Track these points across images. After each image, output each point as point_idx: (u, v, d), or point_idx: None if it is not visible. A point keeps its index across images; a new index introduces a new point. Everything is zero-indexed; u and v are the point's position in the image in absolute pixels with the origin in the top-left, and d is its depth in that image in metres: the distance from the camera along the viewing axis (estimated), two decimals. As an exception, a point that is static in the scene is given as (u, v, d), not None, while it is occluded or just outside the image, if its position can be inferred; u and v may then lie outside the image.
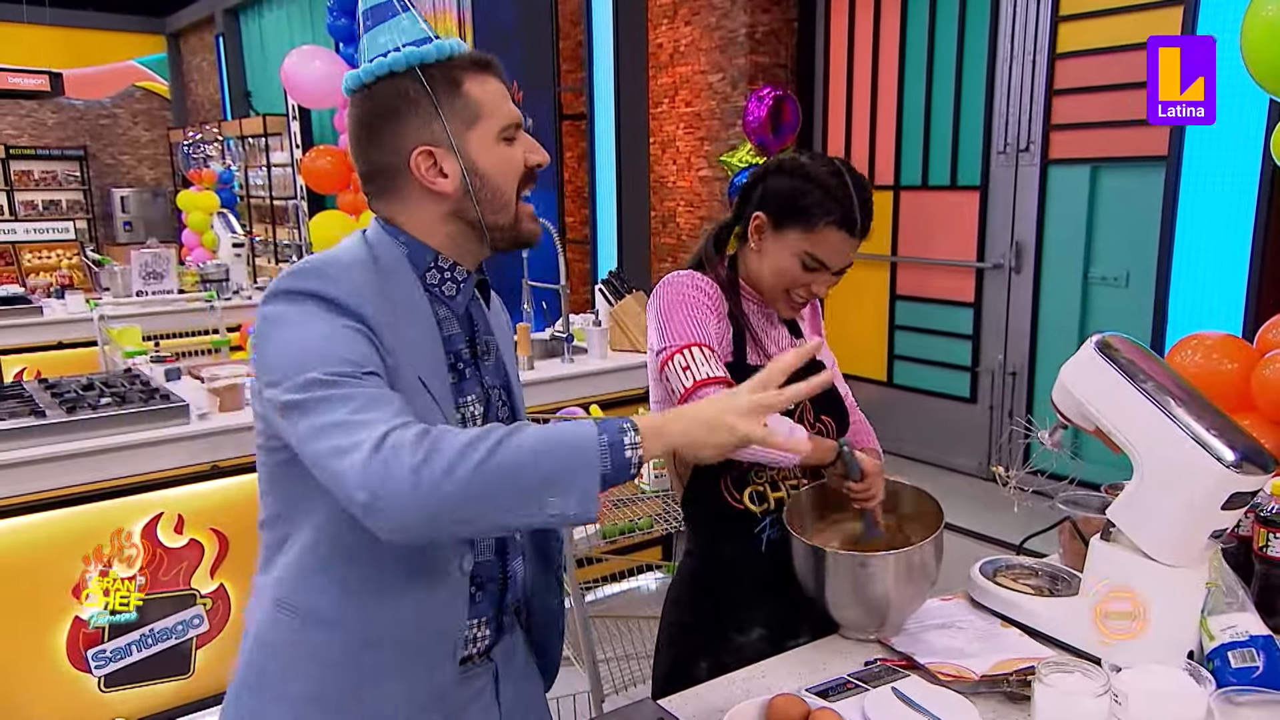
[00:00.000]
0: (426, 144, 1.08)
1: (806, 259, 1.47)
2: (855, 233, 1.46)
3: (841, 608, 1.43)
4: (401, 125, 1.08)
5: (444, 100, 1.08)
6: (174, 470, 2.61)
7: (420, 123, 1.08)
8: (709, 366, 1.42)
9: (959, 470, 4.93)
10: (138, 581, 2.52)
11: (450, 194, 1.10)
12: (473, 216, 1.11)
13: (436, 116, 1.08)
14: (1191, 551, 1.23)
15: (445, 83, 1.08)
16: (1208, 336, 2.58)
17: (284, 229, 9.14)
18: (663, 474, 2.63)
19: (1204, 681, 1.11)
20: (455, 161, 1.09)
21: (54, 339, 4.38)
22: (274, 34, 9.77)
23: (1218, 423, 1.19)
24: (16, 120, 11.87)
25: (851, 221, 1.45)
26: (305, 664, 1.10)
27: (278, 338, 1.00)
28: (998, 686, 1.26)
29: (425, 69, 1.08)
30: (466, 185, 1.09)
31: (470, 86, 1.09)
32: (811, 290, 1.51)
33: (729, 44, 5.79)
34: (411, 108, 1.08)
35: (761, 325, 1.59)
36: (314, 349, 0.97)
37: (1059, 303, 4.57)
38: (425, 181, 1.09)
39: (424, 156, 1.08)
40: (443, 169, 1.09)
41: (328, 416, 0.92)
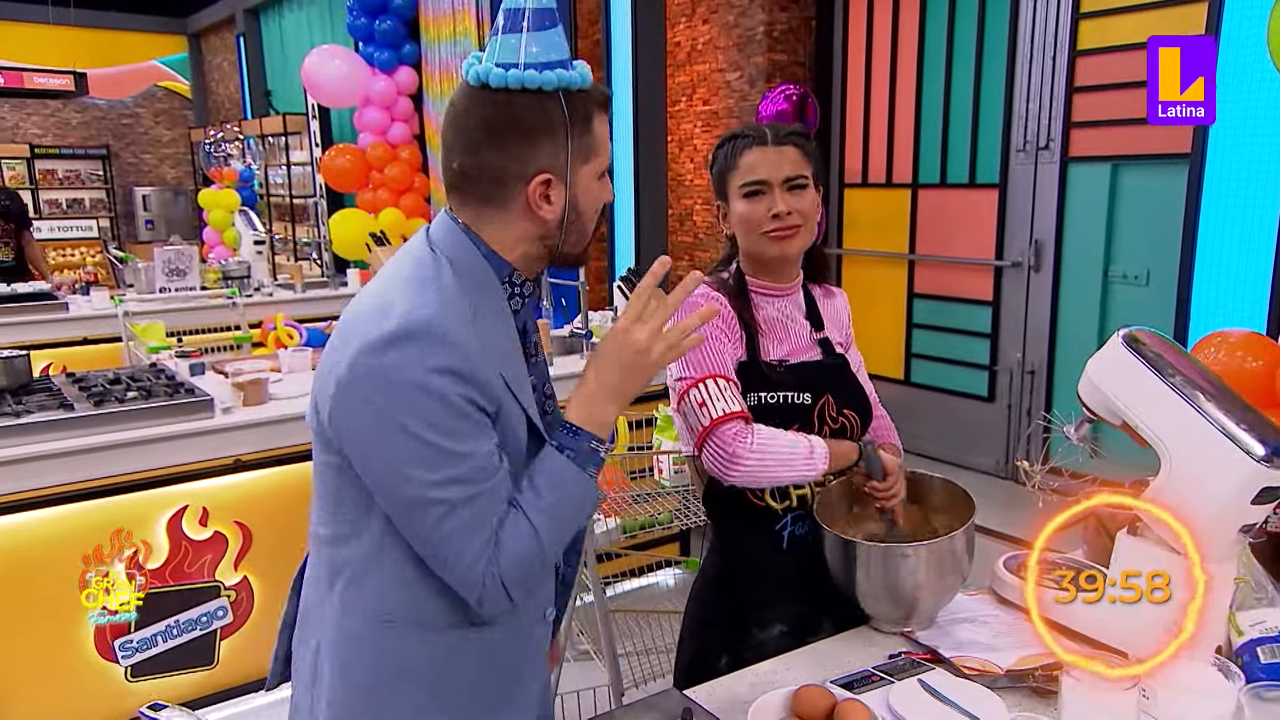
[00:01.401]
0: (549, 170, 1.08)
1: (746, 190, 1.52)
2: (767, 141, 1.52)
3: (873, 599, 1.44)
4: (535, 144, 1.07)
5: (575, 133, 1.08)
6: (198, 464, 2.64)
7: (552, 149, 1.08)
8: (724, 401, 1.44)
9: (977, 469, 4.91)
10: (137, 581, 2.53)
11: (549, 221, 1.11)
12: (553, 243, 1.13)
13: (565, 148, 1.08)
14: (1220, 546, 1.22)
15: (582, 116, 1.09)
16: (1231, 334, 2.56)
17: (303, 227, 9.20)
18: (683, 469, 2.63)
19: (1233, 677, 1.11)
20: (563, 193, 1.10)
21: (79, 335, 4.43)
22: (294, 34, 9.83)
23: (1248, 417, 1.19)
24: (42, 120, 11.99)
25: (760, 137, 1.53)
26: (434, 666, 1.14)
27: (403, 423, 1.00)
28: (1023, 681, 1.26)
29: (568, 96, 1.08)
30: (564, 217, 1.11)
31: (598, 124, 1.11)
32: (772, 214, 1.50)
33: (747, 42, 5.78)
34: (549, 132, 1.07)
35: (775, 321, 1.59)
36: (443, 450, 1.01)
37: (1078, 301, 4.54)
38: (534, 205, 1.09)
39: (542, 184, 1.08)
40: (550, 197, 1.09)
41: (443, 530, 1.02)
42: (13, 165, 11.61)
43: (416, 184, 6.51)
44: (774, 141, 1.52)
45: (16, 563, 2.40)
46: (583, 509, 1.12)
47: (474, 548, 1.03)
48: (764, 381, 1.52)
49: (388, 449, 1.01)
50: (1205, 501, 1.21)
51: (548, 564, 1.15)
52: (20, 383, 2.69)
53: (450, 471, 1.01)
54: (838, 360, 1.62)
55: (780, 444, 1.43)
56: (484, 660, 1.15)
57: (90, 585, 2.36)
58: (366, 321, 1.03)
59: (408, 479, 1.01)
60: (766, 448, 1.42)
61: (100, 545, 2.49)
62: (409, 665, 1.12)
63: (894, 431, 1.73)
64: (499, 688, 1.18)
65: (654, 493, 2.63)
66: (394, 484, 1.03)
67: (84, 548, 2.47)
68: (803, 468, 1.43)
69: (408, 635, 1.11)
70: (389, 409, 1.00)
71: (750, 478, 1.44)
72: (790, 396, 1.52)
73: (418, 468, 1.00)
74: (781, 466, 1.43)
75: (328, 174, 6.37)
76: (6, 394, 2.61)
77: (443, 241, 1.12)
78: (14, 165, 11.61)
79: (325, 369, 1.07)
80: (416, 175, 6.53)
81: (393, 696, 1.12)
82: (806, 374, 1.56)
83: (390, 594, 1.10)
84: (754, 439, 1.42)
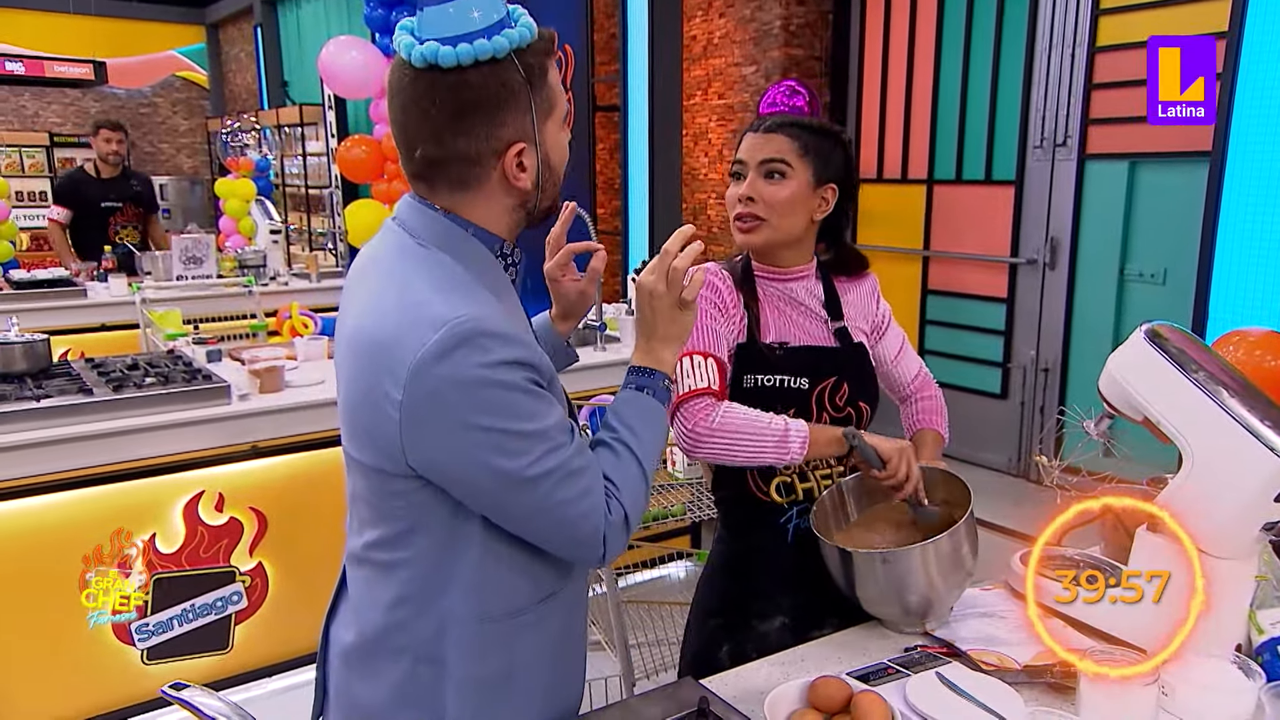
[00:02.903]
0: (521, 140, 1.03)
1: (731, 170, 1.57)
2: (759, 129, 1.54)
3: (877, 605, 1.42)
4: (501, 117, 1.02)
5: (536, 93, 1.03)
6: (215, 450, 2.65)
7: (518, 116, 1.02)
8: (695, 378, 1.47)
9: (990, 466, 4.90)
10: (137, 581, 2.54)
11: (525, 189, 1.07)
12: (532, 205, 1.09)
13: (530, 110, 1.03)
14: (1241, 544, 1.22)
15: (538, 72, 1.03)
16: (1250, 332, 2.54)
17: (318, 217, 9.23)
18: (695, 462, 2.64)
19: (1253, 675, 1.10)
20: (535, 155, 1.05)
21: (97, 321, 4.46)
22: (311, 25, 9.85)
23: (1272, 414, 1.18)
24: (61, 109, 12.07)
25: (757, 124, 1.56)
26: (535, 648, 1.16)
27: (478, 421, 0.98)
28: (1041, 676, 1.26)
29: (521, 56, 1.01)
30: (538, 179, 1.07)
31: (551, 73, 1.05)
32: (738, 196, 1.53)
33: (763, 36, 5.76)
34: (511, 100, 1.01)
35: (779, 305, 1.58)
36: (524, 434, 1.01)
37: (1094, 299, 4.52)
38: (511, 177, 1.05)
39: (516, 154, 1.04)
40: (524, 164, 1.05)
41: (552, 501, 1.04)
42: (32, 153, 11.67)
43: (431, 175, 6.51)
44: (765, 129, 1.54)
45: (37, 544, 2.42)
46: (662, 440, 1.18)
47: (591, 500, 1.06)
48: (762, 364, 1.52)
49: (475, 452, 0.99)
50: (1227, 498, 1.20)
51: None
52: (40, 367, 2.71)
53: (540, 448, 1.01)
54: (853, 349, 1.60)
55: (750, 423, 1.43)
56: (568, 619, 1.21)
57: (90, 585, 2.40)
58: (403, 341, 0.98)
59: (504, 473, 1.00)
60: (732, 425, 1.43)
61: (119, 529, 2.51)
62: (526, 651, 1.14)
63: (942, 413, 1.71)
64: (578, 642, 1.25)
65: (667, 484, 2.64)
66: (492, 483, 1.01)
67: (104, 530, 2.49)
68: (774, 449, 1.42)
69: (513, 627, 1.12)
70: (464, 415, 0.97)
71: (715, 455, 1.45)
72: (787, 380, 1.52)
73: (510, 459, 1.00)
74: (750, 445, 1.43)
75: (343, 164, 6.38)
76: (27, 378, 2.63)
77: (426, 232, 1.07)
78: (33, 153, 11.68)
79: (363, 397, 1.02)
80: (431, 166, 6.53)
81: (525, 683, 1.15)
82: (807, 358, 1.55)
83: (481, 595, 1.09)
84: (719, 416, 1.43)
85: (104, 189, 5.28)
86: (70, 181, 5.39)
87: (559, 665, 1.21)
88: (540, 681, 1.17)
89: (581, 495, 1.05)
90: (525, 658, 1.14)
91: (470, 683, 1.10)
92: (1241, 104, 3.54)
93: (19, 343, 2.67)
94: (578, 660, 1.26)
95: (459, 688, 1.10)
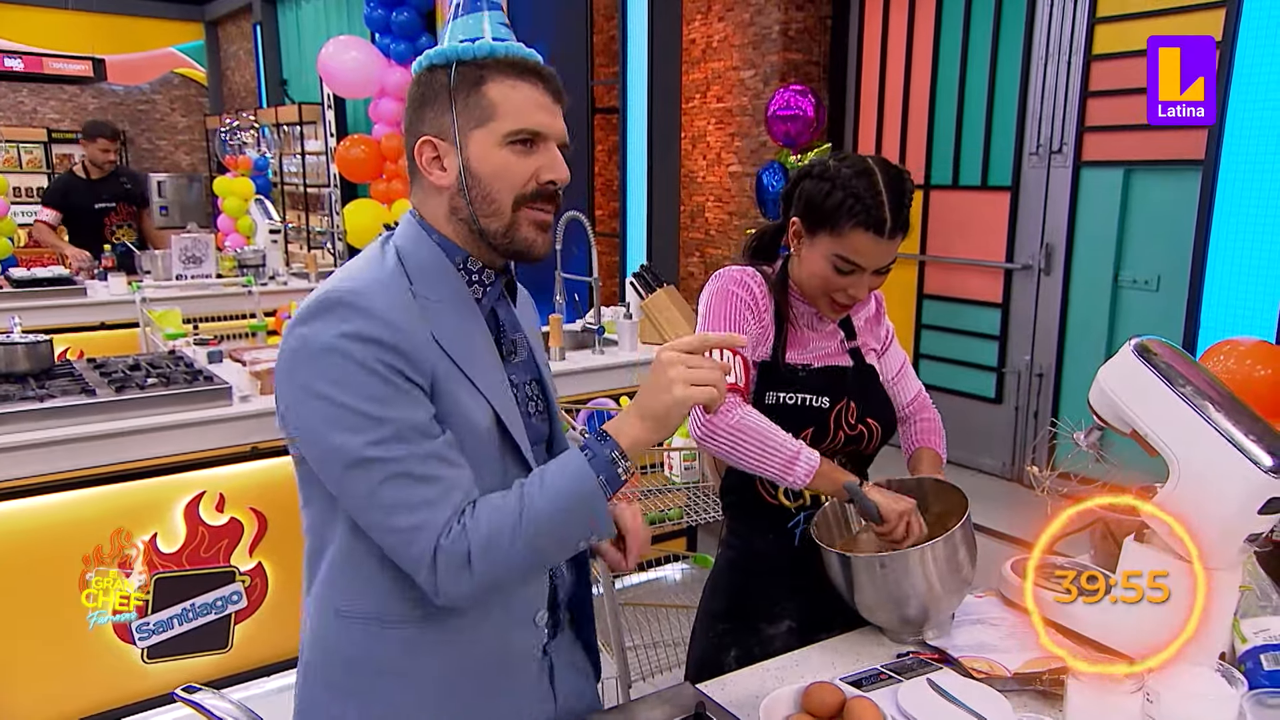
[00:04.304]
0: (432, 135, 1.09)
1: (838, 262, 1.46)
2: (883, 233, 1.43)
3: (875, 612, 1.44)
4: (422, 114, 1.10)
5: (460, 96, 1.08)
6: (216, 450, 2.67)
7: (435, 114, 1.09)
8: None
9: (984, 471, 4.93)
10: (136, 583, 2.56)
11: (446, 188, 1.10)
12: (465, 215, 1.10)
13: (449, 110, 1.08)
14: (1227, 554, 1.24)
15: (469, 80, 1.08)
16: (1241, 342, 2.58)
17: (317, 216, 9.25)
18: (692, 465, 2.66)
19: (1236, 683, 1.13)
20: (456, 158, 1.09)
21: (96, 320, 4.47)
22: (311, 23, 9.86)
23: (1256, 428, 1.21)
24: (59, 105, 12.06)
25: (878, 222, 1.42)
26: (391, 659, 1.12)
27: (318, 388, 0.99)
28: (1030, 684, 1.29)
29: (461, 65, 1.08)
30: (462, 184, 1.09)
31: (492, 87, 1.08)
32: (849, 293, 1.49)
33: (762, 40, 5.79)
34: (434, 99, 1.09)
35: (808, 325, 1.60)
36: (362, 413, 0.99)
37: (1088, 305, 4.55)
38: (424, 171, 1.11)
39: (426, 146, 1.10)
40: (443, 163, 1.10)
41: (382, 495, 1.00)
42: (30, 149, 11.68)
43: (430, 176, 6.53)
44: (890, 234, 1.44)
45: (38, 544, 2.44)
46: (584, 514, 1.03)
47: (429, 515, 1.00)
48: (785, 382, 1.54)
49: (312, 417, 1.00)
50: (1212, 510, 1.23)
51: (530, 564, 1.06)
52: (42, 367, 2.73)
53: (380, 433, 0.99)
54: (866, 369, 1.64)
55: (766, 434, 1.42)
56: (459, 660, 1.13)
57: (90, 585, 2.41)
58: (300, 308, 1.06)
59: (338, 448, 0.99)
60: (745, 431, 1.42)
61: (120, 529, 2.53)
62: (378, 662, 1.11)
63: (940, 434, 1.72)
64: (476, 692, 1.15)
65: (664, 488, 2.66)
66: (326, 455, 1.01)
67: (104, 530, 2.51)
68: (778, 468, 1.42)
69: (374, 632, 1.11)
70: (307, 377, 1.00)
71: (722, 453, 1.44)
72: (809, 399, 1.54)
73: (342, 432, 0.99)
74: (757, 455, 1.42)
75: (342, 164, 6.40)
76: (30, 378, 2.65)
77: (399, 233, 1.14)
78: (31, 149, 11.68)
79: None
80: (430, 167, 6.56)
81: (366, 694, 1.12)
82: (828, 379, 1.57)
83: (353, 589, 1.10)
84: (736, 417, 1.43)
85: (95, 190, 5.29)
86: (60, 185, 5.37)
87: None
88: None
89: (419, 505, 1.00)
90: (389, 688, 1.11)
91: (330, 677, 1.14)
92: (1235, 112, 3.58)
93: (22, 343, 2.69)
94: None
95: (325, 677, 1.14)
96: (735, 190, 6.21)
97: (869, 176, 1.44)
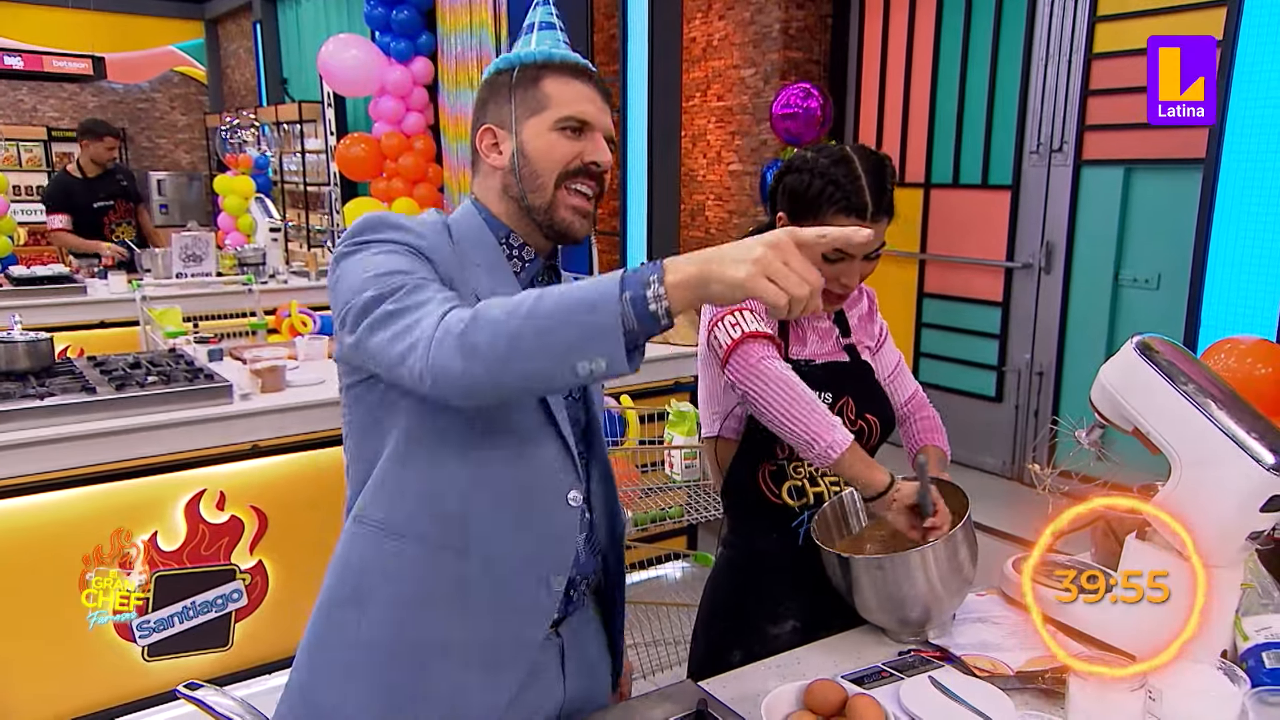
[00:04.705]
0: (493, 124, 1.22)
1: (826, 250, 1.47)
2: (865, 216, 1.43)
3: (876, 613, 1.43)
4: (486, 108, 1.24)
5: (519, 91, 1.21)
6: (216, 449, 2.67)
7: (496, 107, 1.23)
8: (758, 323, 1.44)
9: (984, 469, 4.93)
10: (137, 581, 2.56)
11: (500, 168, 1.22)
12: (516, 193, 1.21)
13: (508, 103, 1.21)
14: (1228, 552, 1.24)
15: (528, 77, 1.21)
16: (1241, 341, 2.58)
17: (317, 215, 9.24)
18: (693, 464, 2.66)
19: (1239, 680, 1.13)
20: (511, 143, 1.21)
21: (97, 318, 4.46)
22: (311, 22, 9.85)
23: (1258, 425, 1.21)
24: (59, 103, 12.05)
25: (860, 207, 1.42)
26: (393, 575, 1.16)
27: (346, 278, 1.10)
28: (1033, 682, 1.29)
29: (522, 66, 1.22)
30: (514, 164, 1.20)
31: (548, 83, 1.21)
32: (842, 282, 1.49)
33: (762, 39, 5.79)
34: (497, 95, 1.23)
35: (809, 320, 1.61)
36: (373, 271, 1.07)
37: (1088, 304, 4.55)
38: (483, 155, 1.24)
39: (486, 134, 1.23)
40: (499, 148, 1.22)
41: (392, 321, 1.03)
42: (30, 147, 11.67)
43: (430, 174, 6.52)
44: (873, 217, 1.43)
45: (39, 541, 2.44)
46: (589, 319, 0.92)
47: (432, 306, 1.02)
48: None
49: (347, 291, 1.08)
50: (1214, 508, 1.23)
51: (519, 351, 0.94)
52: (43, 365, 2.72)
53: (391, 266, 1.08)
54: (862, 365, 1.64)
55: (808, 393, 1.41)
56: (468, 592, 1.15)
57: (90, 585, 2.42)
58: None
59: (359, 290, 1.07)
60: (791, 384, 1.40)
61: (120, 527, 2.53)
62: (389, 573, 1.15)
63: (942, 432, 1.71)
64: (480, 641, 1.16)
65: (664, 486, 2.66)
66: (350, 297, 1.07)
67: (104, 530, 2.51)
68: (819, 427, 1.37)
69: (392, 543, 1.15)
70: (346, 267, 1.11)
71: (767, 401, 1.40)
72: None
73: (363, 285, 1.06)
74: (799, 409, 1.38)
75: (342, 163, 6.39)
76: (30, 376, 2.65)
77: (457, 212, 1.26)
78: (31, 147, 11.67)
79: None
80: (430, 165, 6.55)
81: (376, 603, 1.16)
82: (830, 374, 1.58)
83: (382, 500, 1.16)
84: (781, 368, 1.41)
85: (93, 189, 5.29)
86: (60, 188, 5.33)
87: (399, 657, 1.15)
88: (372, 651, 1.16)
89: (428, 301, 1.03)
90: (374, 598, 1.16)
91: (340, 593, 1.18)
92: (1236, 111, 3.58)
93: (22, 341, 2.68)
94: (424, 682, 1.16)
95: (336, 594, 1.19)
96: (735, 189, 6.21)
97: (847, 164, 1.45)
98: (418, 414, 1.12)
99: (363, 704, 1.16)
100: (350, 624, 1.17)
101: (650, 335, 0.95)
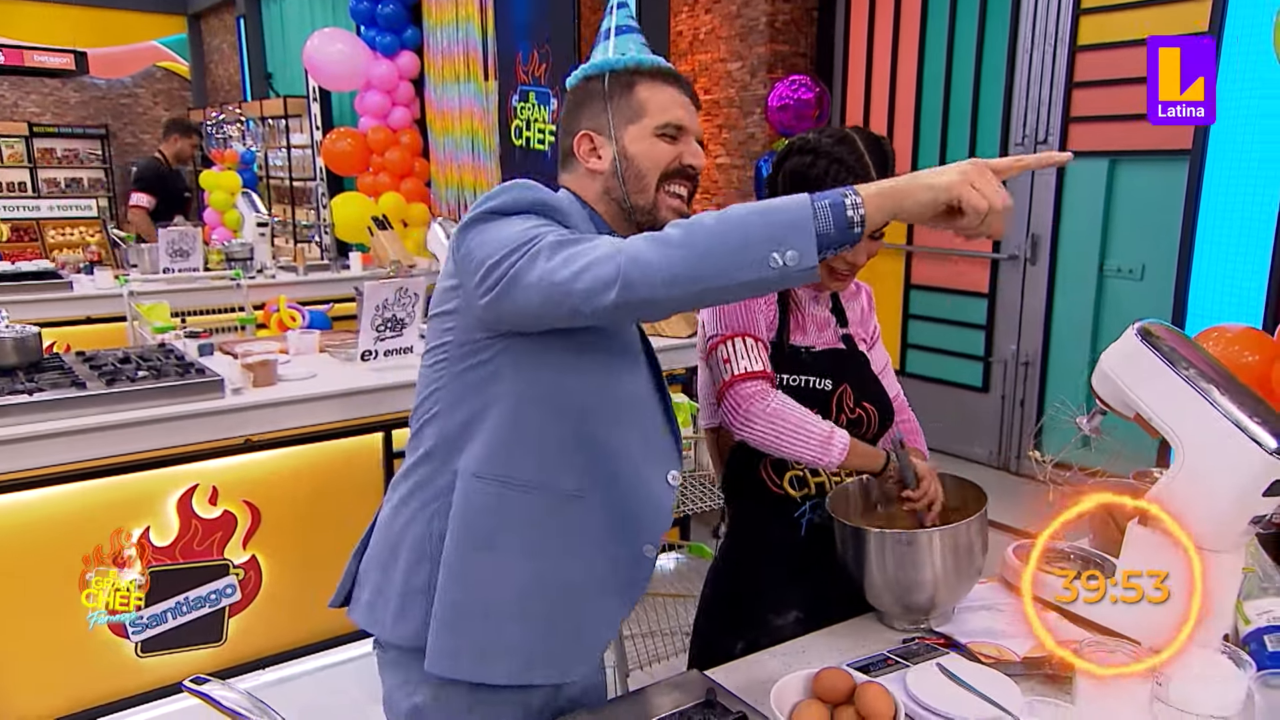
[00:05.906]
0: (590, 130, 1.30)
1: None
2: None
3: (886, 593, 1.43)
4: (580, 114, 1.31)
5: (614, 98, 1.29)
6: (208, 443, 2.65)
7: (592, 114, 1.30)
8: (749, 360, 1.47)
9: (972, 459, 4.96)
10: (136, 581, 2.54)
11: (601, 172, 1.29)
12: (618, 195, 1.29)
13: (605, 110, 1.29)
14: (1231, 537, 1.25)
15: (621, 85, 1.30)
16: (1229, 329, 2.60)
17: (303, 210, 9.17)
18: (687, 455, 2.66)
19: (1244, 664, 1.14)
20: (611, 148, 1.28)
21: (83, 314, 4.42)
22: (295, 16, 9.76)
23: (1260, 410, 1.22)
24: (40, 99, 11.91)
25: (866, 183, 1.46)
26: (517, 524, 1.21)
27: (491, 235, 1.13)
28: (1039, 668, 1.30)
29: (613, 74, 1.30)
30: (616, 167, 1.28)
31: (641, 90, 1.29)
32: (848, 260, 1.52)
33: (749, 32, 5.79)
34: (590, 101, 1.30)
35: (809, 308, 1.61)
36: (529, 224, 1.13)
37: (1074, 294, 4.58)
38: (581, 160, 1.30)
39: (584, 140, 1.30)
40: (599, 153, 1.29)
41: (561, 249, 1.07)
42: (11, 144, 11.54)
43: (417, 168, 6.50)
44: None
45: (29, 538, 2.42)
46: (781, 218, 1.02)
47: (598, 242, 1.08)
48: (790, 364, 1.55)
49: (481, 248, 1.13)
50: (1217, 493, 1.24)
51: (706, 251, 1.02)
52: (31, 360, 2.69)
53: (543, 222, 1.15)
54: (859, 354, 1.65)
55: (798, 417, 1.44)
56: (593, 539, 1.24)
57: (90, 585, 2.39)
58: None
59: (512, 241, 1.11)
60: (782, 415, 1.44)
61: (111, 523, 2.51)
62: (517, 525, 1.21)
63: (920, 435, 1.75)
64: (582, 599, 1.25)
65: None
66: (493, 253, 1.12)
67: (94, 525, 2.49)
68: (815, 449, 1.43)
69: (515, 497, 1.20)
70: (486, 229, 1.15)
71: (760, 440, 1.45)
72: (813, 381, 1.55)
73: (519, 235, 1.11)
74: (794, 439, 1.43)
75: (328, 157, 6.36)
76: (18, 371, 2.62)
77: (561, 196, 1.30)
78: (13, 144, 11.55)
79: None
80: (417, 160, 6.52)
81: (502, 556, 1.20)
82: (830, 361, 1.59)
83: (498, 455, 1.20)
84: (771, 403, 1.44)
85: (180, 181, 5.87)
86: (153, 172, 5.73)
87: (545, 598, 1.22)
88: (520, 599, 1.21)
89: (579, 243, 1.09)
90: (508, 554, 1.20)
91: (455, 541, 1.20)
92: (1222, 102, 3.59)
93: (10, 336, 2.65)
94: (572, 618, 1.26)
95: (453, 540, 1.21)
96: (723, 182, 6.21)
97: (850, 142, 1.49)
98: (530, 380, 1.19)
99: (518, 639, 1.22)
100: (488, 567, 1.21)
101: (838, 246, 1.03)
